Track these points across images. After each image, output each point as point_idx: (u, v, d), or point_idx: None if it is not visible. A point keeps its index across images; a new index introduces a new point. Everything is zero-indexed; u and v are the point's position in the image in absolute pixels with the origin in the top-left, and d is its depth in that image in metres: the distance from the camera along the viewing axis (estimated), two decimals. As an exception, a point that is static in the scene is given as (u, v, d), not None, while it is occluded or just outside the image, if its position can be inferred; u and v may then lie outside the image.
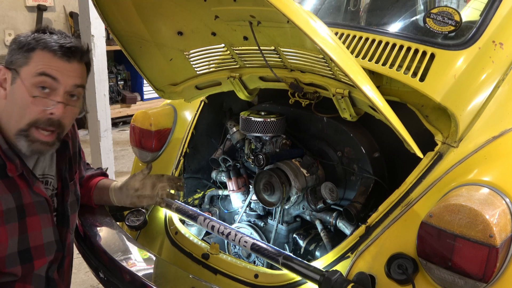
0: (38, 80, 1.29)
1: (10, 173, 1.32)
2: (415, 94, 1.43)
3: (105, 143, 3.74)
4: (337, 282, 1.28)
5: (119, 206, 1.81)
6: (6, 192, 1.31)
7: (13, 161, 1.32)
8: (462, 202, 1.17)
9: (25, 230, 1.36)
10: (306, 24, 1.14)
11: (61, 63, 1.30)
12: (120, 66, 6.17)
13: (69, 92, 1.34)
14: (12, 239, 1.33)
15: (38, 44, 1.30)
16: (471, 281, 1.15)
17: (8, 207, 1.31)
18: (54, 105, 1.30)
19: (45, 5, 5.52)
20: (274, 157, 1.76)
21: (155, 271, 1.50)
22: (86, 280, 2.72)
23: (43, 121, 1.31)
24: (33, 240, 1.38)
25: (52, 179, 1.50)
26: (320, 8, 2.14)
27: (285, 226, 1.86)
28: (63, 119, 1.34)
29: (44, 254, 1.42)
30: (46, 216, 1.42)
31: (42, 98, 1.29)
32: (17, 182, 1.34)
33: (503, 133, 1.44)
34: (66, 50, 1.31)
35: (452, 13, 1.47)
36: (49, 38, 1.31)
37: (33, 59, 1.29)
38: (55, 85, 1.30)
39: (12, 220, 1.32)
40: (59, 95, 1.31)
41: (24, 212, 1.35)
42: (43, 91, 1.29)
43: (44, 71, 1.29)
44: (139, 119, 2.18)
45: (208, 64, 1.84)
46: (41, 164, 1.46)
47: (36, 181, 1.39)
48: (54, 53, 1.30)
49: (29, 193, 1.36)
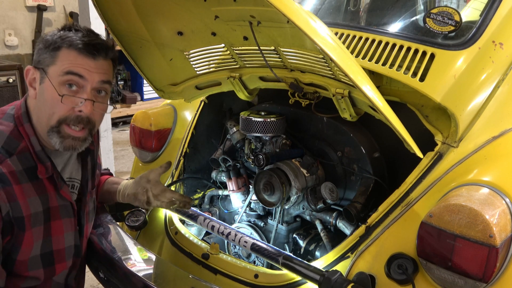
0: (65, 79, 1.30)
1: (40, 175, 1.32)
2: (415, 94, 1.43)
3: (105, 143, 3.74)
4: (337, 282, 1.28)
5: (119, 206, 1.81)
6: (35, 194, 1.31)
7: (45, 163, 1.33)
8: (462, 202, 1.17)
9: (49, 234, 1.37)
10: (306, 24, 1.14)
11: (86, 60, 1.31)
12: (120, 66, 6.17)
13: (96, 88, 1.35)
14: (36, 242, 1.33)
15: (64, 42, 1.30)
16: (471, 281, 1.15)
17: (36, 210, 1.31)
18: (82, 103, 1.31)
19: (45, 5, 5.52)
20: (274, 157, 1.75)
21: (155, 271, 1.50)
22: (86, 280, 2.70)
23: (73, 118, 1.32)
24: (56, 243, 1.39)
25: (78, 183, 1.51)
26: (320, 8, 2.14)
27: (285, 226, 1.86)
28: (92, 116, 1.35)
29: (65, 259, 1.43)
30: (69, 220, 1.43)
31: (70, 96, 1.30)
32: (45, 184, 1.34)
33: (503, 133, 1.44)
34: (91, 47, 1.31)
35: (452, 13, 1.47)
36: (75, 36, 1.32)
37: (59, 58, 1.30)
38: (82, 83, 1.31)
39: (38, 223, 1.33)
40: (86, 92, 1.32)
41: (50, 216, 1.36)
42: (70, 89, 1.31)
43: (71, 70, 1.29)
44: (139, 119, 2.18)
45: (208, 64, 1.84)
46: (70, 167, 1.47)
47: (63, 185, 1.39)
48: (79, 51, 1.30)
49: (55, 196, 1.37)
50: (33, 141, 1.33)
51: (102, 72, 1.35)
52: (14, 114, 1.35)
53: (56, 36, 1.32)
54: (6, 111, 1.37)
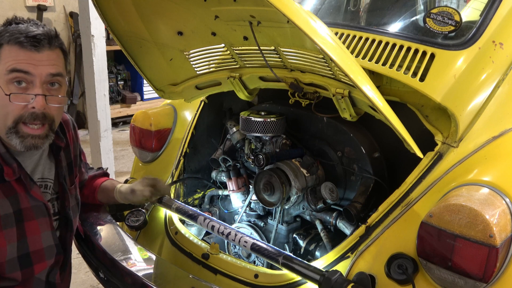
0: (11, 77, 1.24)
1: (7, 177, 1.29)
2: (415, 94, 1.43)
3: (105, 143, 3.74)
4: (337, 282, 1.28)
5: (119, 206, 1.81)
6: (2, 197, 1.29)
7: (11, 165, 1.30)
8: (462, 202, 1.17)
9: (24, 235, 1.34)
10: (306, 24, 1.14)
11: (30, 54, 1.25)
12: (120, 66, 6.17)
13: (47, 82, 1.29)
14: (10, 244, 1.31)
15: (3, 39, 1.25)
16: (471, 281, 1.15)
17: (5, 212, 1.29)
18: (33, 99, 1.26)
19: (45, 5, 5.52)
20: (274, 157, 1.76)
21: (155, 271, 1.50)
22: (86, 280, 2.72)
23: (27, 116, 1.27)
24: (33, 244, 1.36)
25: (51, 183, 1.47)
26: (320, 8, 2.14)
27: (285, 226, 1.86)
28: (48, 110, 1.29)
29: (44, 258, 1.40)
30: (45, 220, 1.40)
31: (18, 94, 1.25)
32: (14, 186, 1.32)
33: (503, 133, 1.44)
34: (32, 40, 1.24)
35: (452, 13, 1.47)
36: (15, 30, 1.25)
37: (1, 56, 1.25)
38: (30, 78, 1.26)
39: (10, 225, 1.30)
40: (36, 87, 1.26)
41: (22, 217, 1.33)
42: (19, 86, 1.25)
43: (15, 67, 1.24)
44: (139, 119, 2.18)
45: (208, 64, 1.84)
46: (41, 167, 1.44)
47: (33, 185, 1.36)
48: (21, 45, 1.24)
49: (26, 198, 1.34)
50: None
51: (49, 64, 1.27)
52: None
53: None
54: None
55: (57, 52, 1.31)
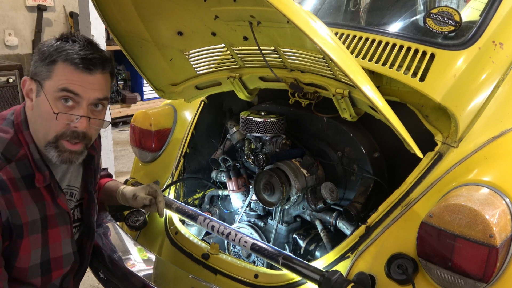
0: (61, 95, 1.28)
1: (38, 183, 1.31)
2: (415, 94, 1.43)
3: (105, 143, 3.73)
4: (337, 282, 1.28)
5: (119, 207, 1.81)
6: (32, 202, 1.31)
7: (43, 172, 1.32)
8: (462, 202, 1.17)
9: (47, 242, 1.36)
10: (306, 24, 1.14)
11: (83, 76, 1.29)
12: (120, 66, 6.17)
13: (92, 104, 1.33)
14: (35, 250, 1.33)
15: (60, 56, 1.27)
16: (471, 281, 1.15)
17: (33, 218, 1.31)
18: (78, 119, 1.30)
19: (45, 5, 5.52)
20: (274, 157, 1.75)
21: (155, 271, 1.51)
22: (86, 280, 2.72)
23: (69, 133, 1.31)
24: (53, 251, 1.38)
25: (76, 191, 1.51)
26: (320, 8, 2.14)
27: (285, 226, 1.86)
28: (88, 130, 1.34)
29: (62, 266, 1.42)
30: (66, 228, 1.42)
31: (65, 114, 1.29)
32: (43, 193, 1.34)
33: (503, 133, 1.44)
34: (87, 62, 1.28)
35: (452, 13, 1.47)
36: (71, 49, 1.28)
37: (55, 73, 1.28)
38: (78, 99, 1.30)
39: (36, 231, 1.33)
40: (82, 108, 1.30)
41: (47, 224, 1.35)
42: (66, 104, 1.29)
43: (66, 87, 1.27)
44: (139, 119, 2.18)
45: (208, 64, 1.84)
46: (69, 175, 1.47)
47: (60, 193, 1.39)
48: (76, 66, 1.27)
49: (52, 205, 1.36)
50: (32, 149, 1.32)
51: (99, 89, 1.32)
52: (14, 120, 1.34)
53: (53, 48, 1.29)
54: (6, 117, 1.36)
55: (107, 77, 1.36)
